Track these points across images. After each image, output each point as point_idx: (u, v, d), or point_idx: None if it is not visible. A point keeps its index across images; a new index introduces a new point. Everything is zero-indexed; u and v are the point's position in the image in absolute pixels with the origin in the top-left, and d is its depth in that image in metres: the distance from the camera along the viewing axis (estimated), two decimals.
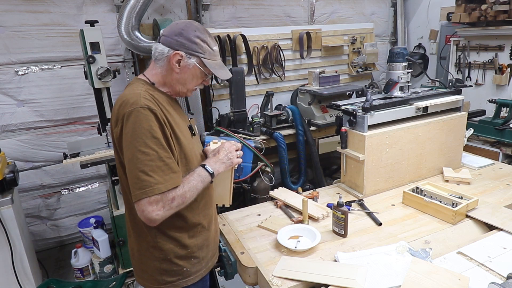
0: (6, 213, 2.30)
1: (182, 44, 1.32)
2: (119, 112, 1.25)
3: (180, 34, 1.32)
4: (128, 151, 1.22)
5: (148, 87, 1.35)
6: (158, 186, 1.20)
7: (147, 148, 1.20)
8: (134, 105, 1.22)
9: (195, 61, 1.35)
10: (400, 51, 2.11)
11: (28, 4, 2.93)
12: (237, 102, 3.21)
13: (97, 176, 3.51)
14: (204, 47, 1.35)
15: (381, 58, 4.47)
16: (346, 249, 1.54)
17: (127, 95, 1.28)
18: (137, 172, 1.20)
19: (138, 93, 1.28)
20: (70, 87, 3.20)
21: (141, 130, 1.21)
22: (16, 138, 3.11)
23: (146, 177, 1.19)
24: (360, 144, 1.96)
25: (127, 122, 1.22)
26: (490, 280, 1.28)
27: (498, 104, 3.05)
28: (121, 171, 1.37)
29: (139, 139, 1.20)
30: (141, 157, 1.20)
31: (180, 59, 1.33)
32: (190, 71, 1.36)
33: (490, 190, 2.02)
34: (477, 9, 3.29)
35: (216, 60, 1.40)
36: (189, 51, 1.33)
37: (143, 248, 1.42)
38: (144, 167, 1.19)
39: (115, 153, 1.36)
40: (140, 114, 1.22)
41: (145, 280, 1.46)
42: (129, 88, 1.36)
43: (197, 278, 1.47)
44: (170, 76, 1.37)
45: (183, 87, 1.40)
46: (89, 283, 2.33)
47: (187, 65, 1.34)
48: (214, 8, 3.61)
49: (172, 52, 1.32)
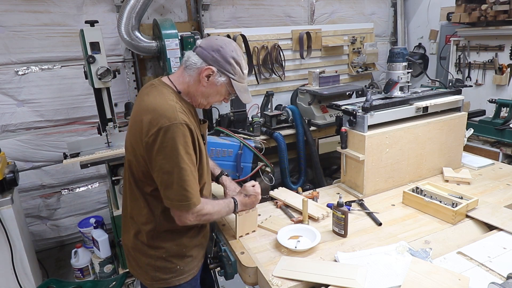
0: (6, 213, 2.30)
1: (217, 61, 1.35)
2: (153, 123, 1.27)
3: (218, 51, 1.35)
4: (166, 164, 1.27)
5: (178, 97, 1.38)
6: (193, 201, 1.33)
7: (184, 164, 1.28)
8: (173, 120, 1.26)
9: (224, 80, 1.38)
10: (400, 51, 2.11)
11: (28, 4, 2.93)
12: (237, 102, 3.21)
13: (97, 176, 3.51)
14: (237, 69, 1.38)
15: (381, 58, 4.47)
16: (346, 249, 1.54)
17: (160, 106, 1.29)
18: (177, 186, 1.29)
19: (173, 106, 1.30)
20: (70, 87, 3.20)
21: (179, 146, 1.27)
22: (16, 138, 3.11)
23: (185, 192, 1.30)
24: (360, 144, 1.96)
25: (164, 136, 1.25)
26: (490, 280, 1.28)
27: (498, 104, 3.05)
28: (128, 172, 1.41)
29: (178, 155, 1.27)
30: (180, 172, 1.28)
31: (211, 74, 1.35)
32: (216, 87, 1.39)
33: (490, 190, 2.02)
34: (477, 9, 3.29)
35: (243, 84, 1.43)
36: (222, 69, 1.36)
37: (138, 245, 1.45)
38: (182, 183, 1.29)
39: (130, 153, 1.38)
40: (178, 130, 1.26)
41: (139, 274, 1.50)
42: (158, 95, 1.35)
43: (189, 276, 1.50)
44: (196, 87, 1.39)
45: (205, 100, 1.44)
46: (89, 283, 2.33)
47: (215, 82, 1.37)
48: (214, 8, 3.61)
49: (205, 66, 1.35)
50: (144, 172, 1.35)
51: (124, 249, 1.56)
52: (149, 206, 1.40)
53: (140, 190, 1.40)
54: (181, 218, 1.36)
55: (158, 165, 1.28)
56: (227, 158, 2.87)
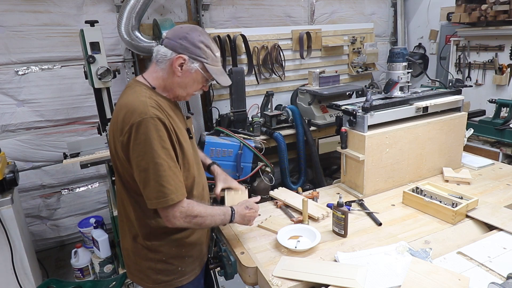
0: (6, 213, 2.30)
1: (186, 48, 1.31)
2: (125, 121, 1.25)
3: (185, 38, 1.32)
4: (142, 161, 1.24)
5: (151, 92, 1.34)
6: (172, 197, 1.26)
7: (160, 159, 1.24)
8: (143, 115, 1.23)
9: (198, 66, 1.34)
10: (400, 51, 2.11)
11: (28, 4, 2.93)
12: (237, 102, 3.21)
13: (97, 176, 3.51)
14: (208, 53, 1.35)
15: (381, 58, 4.47)
16: (346, 249, 1.54)
17: (132, 103, 1.27)
18: (154, 182, 1.24)
19: (144, 101, 1.27)
20: (70, 87, 3.20)
21: (153, 141, 1.23)
22: (16, 138, 3.11)
23: (162, 188, 1.24)
24: (360, 144, 1.96)
25: (137, 132, 1.23)
26: (490, 280, 1.28)
27: (498, 104, 3.04)
28: (118, 173, 1.38)
29: (152, 150, 1.23)
30: (156, 167, 1.23)
31: (183, 62, 1.32)
32: (191, 75, 1.36)
33: (490, 190, 2.02)
34: (477, 9, 3.29)
35: (217, 66, 1.40)
36: (193, 55, 1.33)
37: (138, 249, 1.43)
38: (159, 178, 1.24)
39: (114, 156, 1.36)
40: (150, 124, 1.23)
41: (140, 279, 1.48)
42: (131, 93, 1.33)
43: (191, 277, 1.49)
44: (171, 80, 1.36)
45: (183, 91, 1.40)
46: (89, 283, 2.32)
47: (189, 69, 1.34)
48: (214, 8, 3.61)
49: (175, 55, 1.31)
50: (129, 174, 1.32)
51: (124, 254, 1.53)
52: (141, 208, 1.37)
53: (129, 192, 1.37)
54: (168, 218, 1.30)
55: (135, 163, 1.25)
56: (227, 158, 2.87)
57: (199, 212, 1.34)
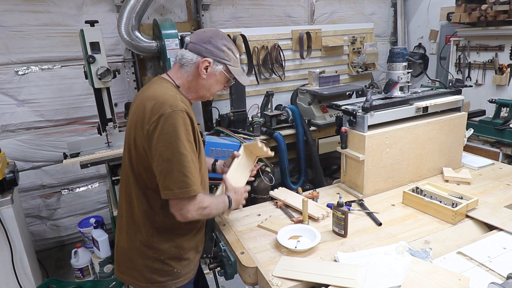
0: (6, 213, 2.30)
1: (211, 51, 1.39)
2: (154, 111, 1.29)
3: (209, 42, 1.39)
4: (167, 151, 1.27)
5: (177, 90, 1.41)
6: (194, 188, 1.30)
7: (185, 150, 1.28)
8: (174, 107, 1.28)
9: (222, 68, 1.43)
10: (400, 51, 2.11)
11: (28, 4, 2.94)
12: (237, 102, 3.21)
13: (97, 176, 3.51)
14: (230, 55, 1.43)
15: (381, 58, 4.47)
16: (346, 249, 1.54)
17: (162, 95, 1.32)
18: (177, 172, 1.27)
19: (173, 95, 1.33)
20: (70, 87, 3.20)
21: (180, 133, 1.27)
22: (16, 138, 3.12)
23: (185, 178, 1.28)
24: (360, 144, 1.96)
25: (165, 123, 1.27)
26: (490, 280, 1.28)
27: (498, 104, 3.05)
28: (127, 167, 1.41)
29: (179, 140, 1.27)
30: (181, 158, 1.27)
31: (208, 65, 1.40)
32: (215, 77, 1.44)
33: (490, 190, 2.02)
34: (477, 9, 3.29)
35: (238, 67, 1.49)
36: (217, 58, 1.41)
37: (135, 246, 1.43)
38: (183, 168, 1.28)
39: (130, 146, 1.38)
40: (179, 117, 1.28)
41: (132, 277, 1.47)
42: (159, 87, 1.39)
43: (186, 280, 1.49)
44: (196, 82, 1.43)
45: (207, 92, 1.48)
46: (89, 283, 2.33)
47: (213, 72, 1.42)
48: (214, 8, 3.61)
49: (201, 59, 1.39)
50: (144, 166, 1.35)
51: (117, 251, 1.53)
52: (149, 202, 1.39)
53: (140, 185, 1.39)
54: (182, 212, 1.32)
55: (158, 153, 1.28)
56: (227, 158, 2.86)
57: (209, 204, 1.40)
